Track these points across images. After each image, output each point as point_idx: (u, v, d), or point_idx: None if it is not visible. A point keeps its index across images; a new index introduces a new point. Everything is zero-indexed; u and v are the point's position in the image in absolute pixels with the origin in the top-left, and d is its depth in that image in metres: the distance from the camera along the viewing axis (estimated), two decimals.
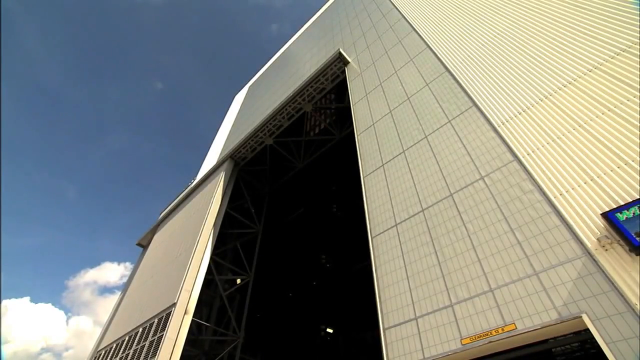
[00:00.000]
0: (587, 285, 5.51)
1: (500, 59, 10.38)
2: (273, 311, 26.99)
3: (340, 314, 29.56)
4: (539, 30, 9.91)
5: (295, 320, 28.37)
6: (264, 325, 25.44)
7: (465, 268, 7.22)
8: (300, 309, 29.37)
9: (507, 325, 5.97)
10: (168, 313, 14.12)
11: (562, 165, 6.96)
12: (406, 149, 11.19)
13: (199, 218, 18.99)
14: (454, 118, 10.30)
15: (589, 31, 8.51)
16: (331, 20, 30.79)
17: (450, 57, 12.31)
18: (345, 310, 29.06)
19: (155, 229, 26.36)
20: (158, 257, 21.44)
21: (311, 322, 29.73)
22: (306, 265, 30.67)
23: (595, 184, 6.27)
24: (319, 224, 29.26)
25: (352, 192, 21.01)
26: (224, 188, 20.86)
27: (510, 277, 6.43)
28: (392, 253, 9.11)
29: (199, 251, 16.61)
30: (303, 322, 28.88)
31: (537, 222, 6.66)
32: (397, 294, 8.20)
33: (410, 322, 7.46)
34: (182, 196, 26.08)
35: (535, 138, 7.79)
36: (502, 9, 11.89)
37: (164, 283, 16.98)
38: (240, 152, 23.06)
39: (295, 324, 28.26)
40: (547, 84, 8.47)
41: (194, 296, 15.00)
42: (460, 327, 6.57)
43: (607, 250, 5.55)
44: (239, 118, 35.00)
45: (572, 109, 7.55)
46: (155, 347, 13.15)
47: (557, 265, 5.97)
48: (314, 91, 20.73)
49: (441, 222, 8.43)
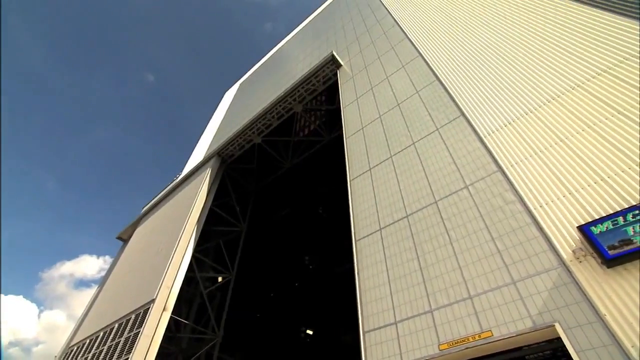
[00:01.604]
0: (561, 295, 5.69)
1: (488, 71, 10.62)
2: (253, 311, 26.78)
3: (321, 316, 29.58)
4: (526, 46, 10.19)
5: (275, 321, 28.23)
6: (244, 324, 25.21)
7: (446, 274, 7.34)
8: (281, 309, 29.25)
9: (484, 332, 6.10)
10: (146, 309, 13.84)
11: (543, 178, 7.17)
12: (394, 155, 11.31)
13: (183, 214, 18.70)
14: (442, 126, 10.47)
15: (573, 51, 8.80)
16: (326, 23, 30.88)
17: (440, 66, 12.53)
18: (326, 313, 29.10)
19: (137, 223, 25.82)
20: (138, 251, 21.00)
21: (291, 323, 29.65)
22: (289, 266, 30.58)
23: (573, 198, 6.48)
24: (304, 225, 29.22)
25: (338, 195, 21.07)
26: (210, 184, 20.61)
27: (489, 285, 6.58)
28: (375, 257, 9.19)
29: (181, 247, 16.35)
30: (283, 323, 28.77)
31: (517, 232, 6.84)
32: (378, 298, 8.26)
33: (390, 326, 7.53)
34: (166, 191, 25.62)
35: (519, 150, 8.00)
36: (492, 23, 12.18)
37: (144, 278, 16.64)
38: (228, 149, 22.84)
39: (276, 324, 28.14)
40: (532, 98, 8.71)
41: (173, 293, 14.74)
42: (438, 333, 6.68)
43: (581, 262, 5.74)
44: (229, 115, 34.67)
45: (554, 124, 7.79)
46: (131, 343, 12.86)
47: (534, 275, 6.14)
48: (305, 92, 20.74)
49: (425, 229, 8.55)
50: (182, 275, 15.67)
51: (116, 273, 21.49)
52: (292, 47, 36.49)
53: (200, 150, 31.81)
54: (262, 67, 41.82)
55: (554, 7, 10.43)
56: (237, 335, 23.91)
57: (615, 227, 5.51)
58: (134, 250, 22.19)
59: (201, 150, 31.26)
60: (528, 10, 11.23)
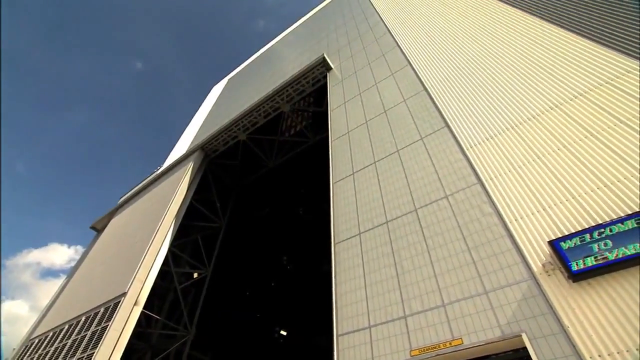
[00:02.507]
0: (529, 306, 5.91)
1: (474, 86, 10.92)
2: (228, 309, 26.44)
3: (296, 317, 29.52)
4: (511, 64, 10.54)
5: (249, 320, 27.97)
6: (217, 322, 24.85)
7: (422, 282, 7.48)
8: (256, 308, 29.01)
9: (455, 340, 6.26)
10: (117, 302, 13.43)
11: (520, 192, 7.42)
12: (377, 160, 11.45)
13: (162, 206, 18.29)
14: (426, 136, 10.68)
15: (554, 73, 9.18)
16: (319, 25, 30.97)
17: (429, 77, 12.79)
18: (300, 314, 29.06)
19: (113, 213, 25.05)
20: (113, 242, 20.37)
21: (266, 323, 29.44)
22: (267, 265, 30.38)
23: (546, 213, 6.74)
24: (284, 225, 29.13)
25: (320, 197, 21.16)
26: (191, 178, 20.26)
27: (462, 294, 6.75)
28: (353, 261, 9.26)
29: (158, 240, 15.97)
30: (258, 323, 28.54)
31: (492, 243, 7.05)
32: (354, 302, 8.33)
33: (364, 330, 7.60)
34: (146, 182, 25.00)
35: (499, 164, 8.26)
36: (481, 40, 12.53)
37: (116, 271, 16.15)
38: (212, 144, 22.54)
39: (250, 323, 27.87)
40: (514, 115, 9.02)
41: (146, 287, 14.38)
42: (411, 339, 6.80)
43: (550, 275, 5.98)
44: (215, 109, 34.22)
45: (533, 141, 8.09)
46: (97, 338, 12.42)
47: (505, 286, 6.35)
48: (294, 92, 20.73)
49: (403, 235, 8.69)
50: (156, 269, 15.30)
51: (87, 264, 20.77)
52: (284, 46, 36.40)
53: (184, 143, 31.25)
54: (252, 64, 41.51)
55: (540, 30, 10.85)
56: (210, 333, 23.52)
57: (583, 243, 5.77)
58: (108, 241, 21.51)
59: (185, 143, 30.71)
60: (515, 31, 11.63)
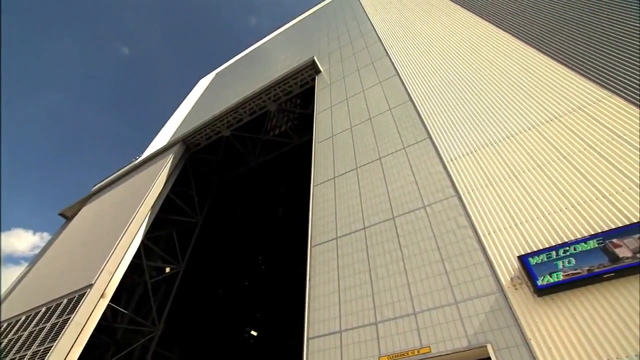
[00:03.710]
0: (495, 318, 6.08)
1: (458, 101, 11.22)
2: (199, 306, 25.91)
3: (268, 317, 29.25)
4: (494, 84, 10.90)
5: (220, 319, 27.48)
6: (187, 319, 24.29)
7: (395, 289, 7.57)
8: (227, 307, 28.54)
9: (423, 348, 6.36)
10: (82, 294, 12.87)
11: (494, 207, 7.66)
12: (359, 166, 11.55)
13: (138, 197, 17.74)
14: (409, 146, 10.86)
15: (533, 96, 9.56)
16: (311, 28, 31.05)
17: (415, 88, 13.04)
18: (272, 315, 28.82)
19: (86, 201, 24.10)
20: (82, 231, 19.57)
21: (236, 323, 29.01)
22: (241, 264, 29.99)
23: (518, 229, 6.98)
24: (262, 225, 28.90)
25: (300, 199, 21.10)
26: (170, 171, 19.79)
27: (433, 303, 6.88)
28: (328, 265, 9.27)
29: (131, 232, 15.47)
30: (228, 322, 28.07)
31: (465, 255, 7.23)
32: (326, 306, 8.33)
33: (335, 334, 7.61)
34: (122, 171, 24.23)
35: (476, 179, 8.50)
36: (468, 58, 12.90)
37: (83, 261, 15.50)
38: (194, 137, 22.14)
39: (220, 322, 27.38)
40: (494, 132, 9.31)
41: (115, 279, 13.87)
42: (380, 345, 6.85)
43: (517, 289, 6.19)
44: (200, 103, 33.65)
45: (510, 159, 8.37)
46: (57, 330, 11.82)
47: (474, 298, 6.52)
48: (281, 92, 20.67)
49: (379, 243, 8.78)
50: (127, 262, 14.80)
51: (52, 252, 19.86)
52: (275, 45, 36.27)
53: (165, 134, 30.56)
54: (241, 60, 41.10)
55: (523, 53, 11.28)
56: (178, 330, 22.96)
57: (549, 260, 6.00)
58: (77, 229, 20.66)
59: (166, 135, 30.04)
60: (501, 53, 12.04)
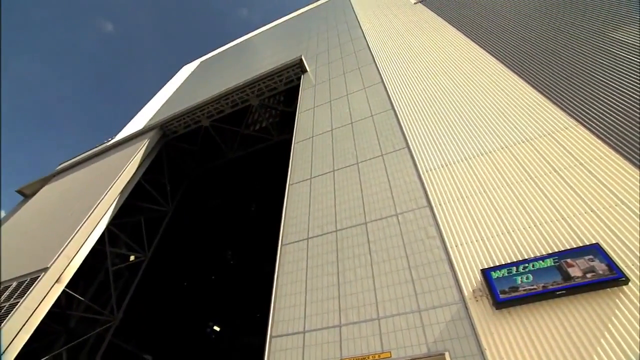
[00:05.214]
0: (455, 327, 6.27)
1: (437, 114, 11.54)
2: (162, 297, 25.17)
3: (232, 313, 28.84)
4: (474, 101, 11.29)
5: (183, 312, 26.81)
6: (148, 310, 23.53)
7: (361, 294, 7.65)
8: (191, 301, 27.90)
9: (384, 353, 6.45)
10: (34, 278, 12.08)
11: (463, 220, 7.91)
12: (336, 169, 11.61)
13: (107, 180, 16.94)
14: (387, 153, 11.03)
15: (509, 117, 9.99)
16: (302, 27, 31.01)
17: (398, 98, 13.28)
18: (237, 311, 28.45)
19: (48, 179, 22.73)
20: (41, 211, 18.47)
21: (200, 317, 28.40)
22: (209, 258, 29.40)
23: (483, 243, 7.24)
24: (234, 220, 28.47)
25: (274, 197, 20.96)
26: (144, 156, 19.06)
27: (397, 309, 6.99)
28: (297, 265, 9.24)
29: (96, 216, 14.72)
30: (191, 315, 27.43)
31: (431, 265, 7.41)
32: (292, 305, 8.29)
33: (298, 334, 7.58)
34: (92, 152, 23.08)
35: (449, 192, 8.74)
36: (452, 74, 13.30)
37: (39, 243, 14.60)
38: (172, 124, 21.49)
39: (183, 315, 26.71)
40: (469, 148, 9.63)
41: (74, 265, 13.11)
42: (342, 348, 6.89)
43: (478, 301, 6.41)
44: (181, 90, 32.76)
45: (481, 175, 8.68)
46: (3, 315, 10.83)
47: (437, 307, 6.69)
48: (265, 88, 20.47)
49: (350, 246, 8.85)
50: (89, 247, 14.01)
51: (4, 232, 18.69)
52: (263, 40, 35.95)
53: (142, 118, 29.48)
54: (227, 51, 40.40)
55: (503, 76, 11.78)
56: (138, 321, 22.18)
57: (510, 275, 6.26)
58: (35, 209, 19.47)
59: (142, 119, 28.99)
60: (482, 73, 12.50)
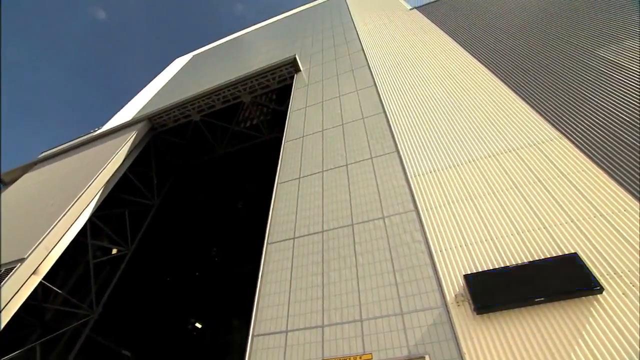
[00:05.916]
0: (436, 331, 6.34)
1: (428, 120, 11.67)
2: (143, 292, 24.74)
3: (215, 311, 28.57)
4: (463, 110, 11.47)
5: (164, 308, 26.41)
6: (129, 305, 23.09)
7: (345, 295, 7.67)
8: (174, 296, 27.52)
9: (365, 354, 6.48)
10: (10, 269, 11.69)
11: (449, 226, 8.01)
12: (325, 170, 11.62)
13: (92, 171, 16.55)
14: (376, 156, 11.10)
15: (496, 127, 10.18)
16: (297, 26, 30.97)
17: (390, 102, 13.38)
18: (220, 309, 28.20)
19: (29, 167, 22.11)
20: (20, 200, 17.94)
21: (181, 313, 28.03)
22: (194, 254, 29.06)
23: (467, 249, 7.35)
24: (220, 216, 28.24)
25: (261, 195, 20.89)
26: (132, 148, 18.69)
27: (380, 312, 7.03)
28: (282, 264, 9.21)
29: (78, 207, 14.33)
30: (173, 311, 27.05)
31: (415, 269, 7.48)
32: (275, 304, 8.26)
33: (280, 334, 7.56)
34: (77, 142, 22.50)
35: (436, 197, 8.85)
36: (444, 83, 13.48)
37: (17, 233, 14.16)
38: (162, 117, 21.15)
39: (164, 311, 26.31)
40: (457, 155, 9.77)
41: (52, 256, 12.73)
42: (324, 348, 6.89)
43: (459, 305, 6.50)
44: (172, 83, 32.31)
45: (468, 182, 8.82)
46: None
47: (420, 310, 6.76)
48: (258, 85, 20.36)
49: (336, 247, 8.86)
50: (69, 238, 13.65)
51: None
52: (258, 37, 35.75)
53: (131, 109, 28.94)
54: (221, 46, 40.04)
55: (494, 86, 12.00)
56: (117, 316, 21.74)
57: None
58: (14, 197, 18.90)
59: (131, 110, 28.46)
60: (473, 82, 12.71)
